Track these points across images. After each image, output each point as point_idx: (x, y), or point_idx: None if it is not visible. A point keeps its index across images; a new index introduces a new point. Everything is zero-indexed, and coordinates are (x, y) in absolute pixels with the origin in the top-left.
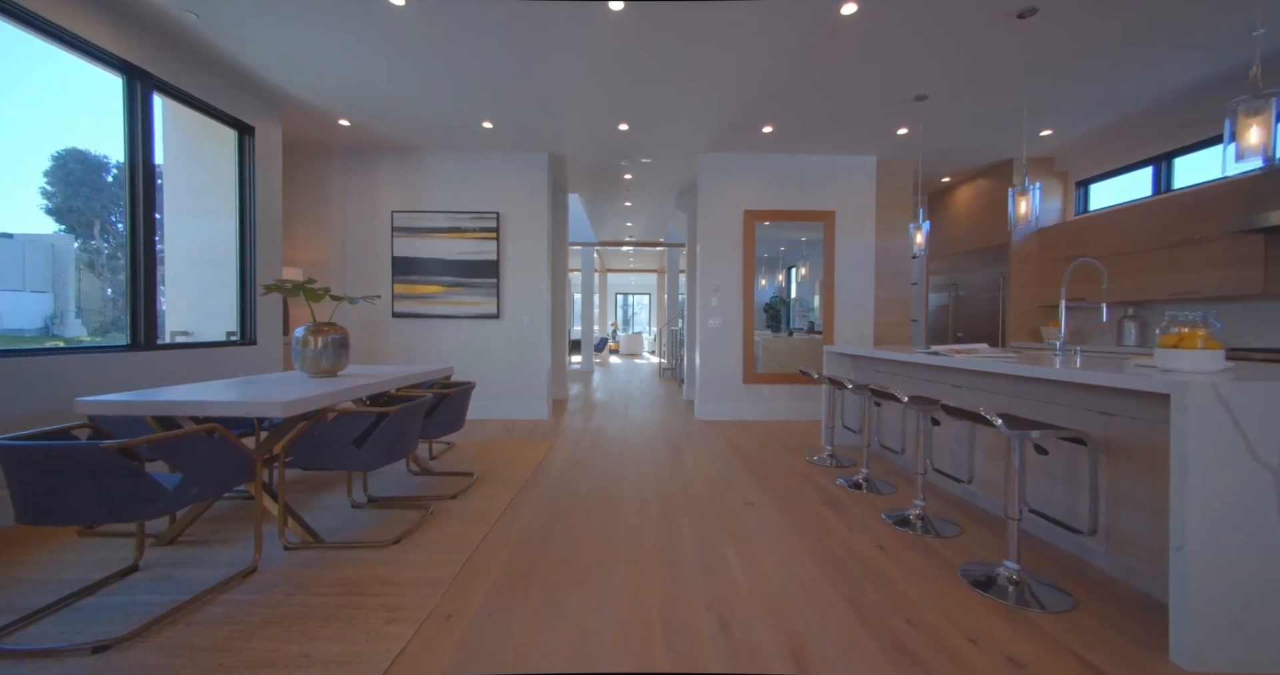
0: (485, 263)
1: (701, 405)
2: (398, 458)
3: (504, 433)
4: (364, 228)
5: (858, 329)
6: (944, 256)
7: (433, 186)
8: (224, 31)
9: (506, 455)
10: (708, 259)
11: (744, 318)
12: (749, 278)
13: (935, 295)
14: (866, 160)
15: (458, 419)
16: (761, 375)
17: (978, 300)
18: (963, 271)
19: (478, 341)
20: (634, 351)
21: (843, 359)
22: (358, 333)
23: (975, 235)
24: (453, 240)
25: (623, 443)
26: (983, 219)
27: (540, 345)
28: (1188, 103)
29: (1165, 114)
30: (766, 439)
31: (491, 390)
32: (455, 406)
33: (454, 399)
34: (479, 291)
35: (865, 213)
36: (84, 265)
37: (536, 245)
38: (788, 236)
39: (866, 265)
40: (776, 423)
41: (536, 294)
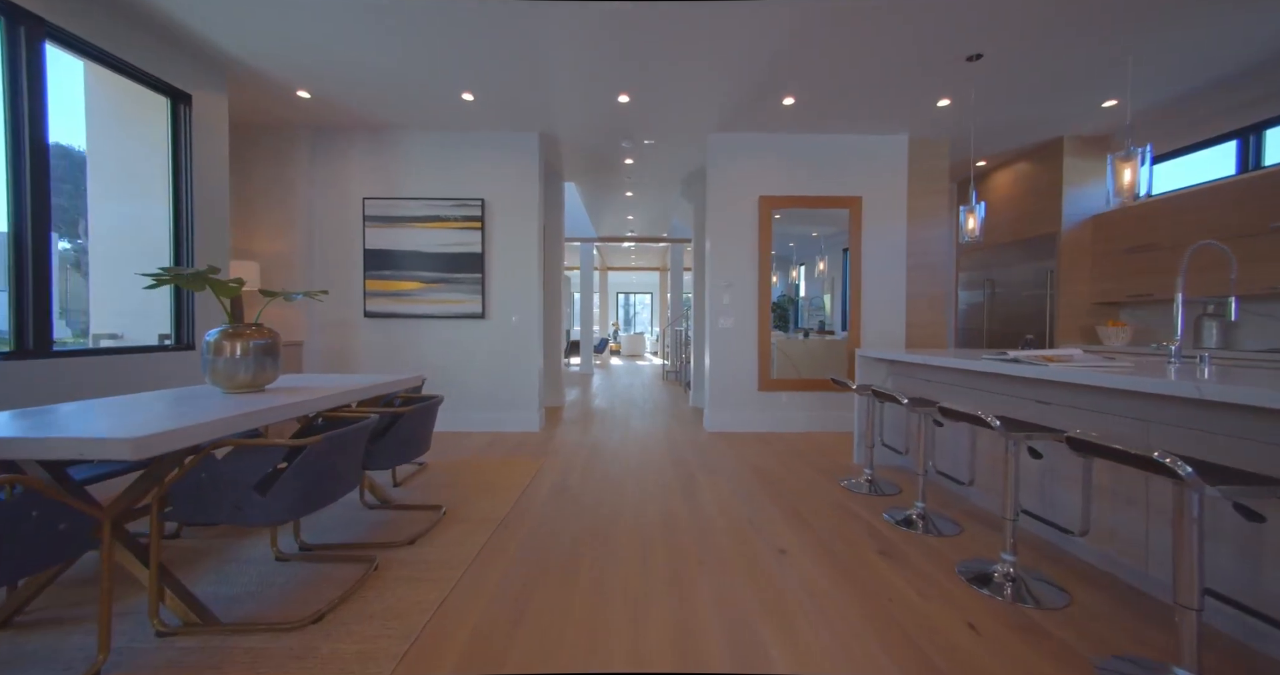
0: (469, 256)
1: (712, 414)
2: (320, 504)
3: (488, 449)
4: (332, 217)
5: (886, 330)
6: (976, 250)
7: (409, 170)
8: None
9: (486, 480)
10: (719, 252)
11: (759, 317)
12: (765, 272)
13: (966, 293)
14: (897, 140)
15: (417, 442)
16: (778, 381)
17: (1018, 298)
18: (1000, 266)
19: (460, 344)
20: (636, 352)
21: (877, 365)
22: (325, 336)
23: (1016, 225)
24: (432, 231)
25: (623, 463)
26: (1025, 207)
27: (531, 348)
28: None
29: (1256, 79)
30: (788, 456)
31: (476, 399)
32: (414, 428)
33: (413, 419)
34: (462, 288)
35: (896, 198)
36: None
37: (526, 236)
38: (798, 232)
39: (897, 258)
40: (796, 435)
41: (527, 291)
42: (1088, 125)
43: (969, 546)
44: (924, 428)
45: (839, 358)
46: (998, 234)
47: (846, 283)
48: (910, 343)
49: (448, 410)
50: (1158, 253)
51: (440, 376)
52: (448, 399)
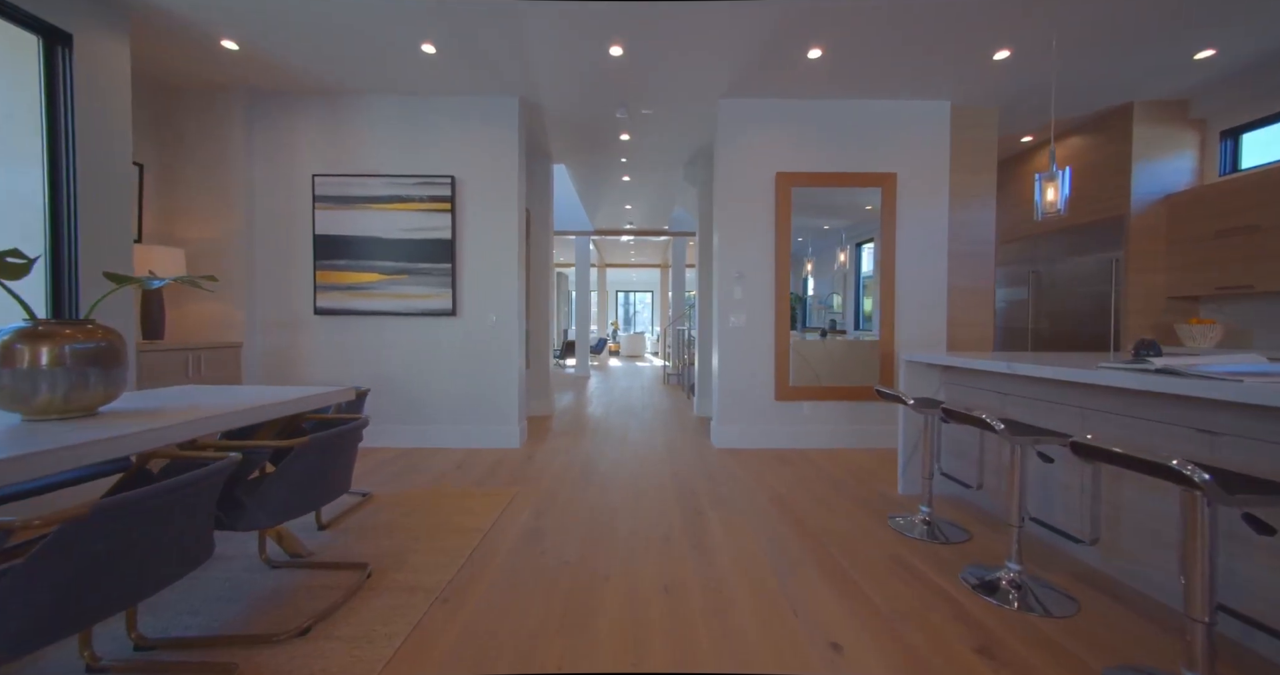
0: (436, 243)
1: (721, 428)
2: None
3: (455, 472)
4: (276, 197)
5: (924, 329)
6: (1016, 239)
7: (366, 142)
8: None
9: (440, 518)
10: (729, 238)
11: (776, 314)
12: (783, 261)
13: (1004, 289)
14: (938, 107)
15: (324, 485)
16: (799, 389)
17: (1072, 293)
18: (1048, 257)
19: (427, 346)
20: (635, 353)
21: (926, 372)
22: (268, 337)
23: (1070, 209)
24: (394, 213)
25: (615, 493)
26: (1082, 188)
27: (510, 351)
28: None
29: None
30: (816, 481)
31: (446, 411)
32: (316, 466)
33: (311, 454)
34: (428, 281)
35: (936, 175)
36: None
37: (505, 220)
38: (807, 224)
39: (937, 245)
40: (820, 453)
41: (505, 284)
42: (1166, 85)
43: (1102, 637)
44: (1021, 461)
45: (864, 361)
46: (1044, 221)
47: (860, 279)
48: (952, 344)
49: (412, 424)
50: (1260, 236)
51: (403, 385)
52: (413, 411)
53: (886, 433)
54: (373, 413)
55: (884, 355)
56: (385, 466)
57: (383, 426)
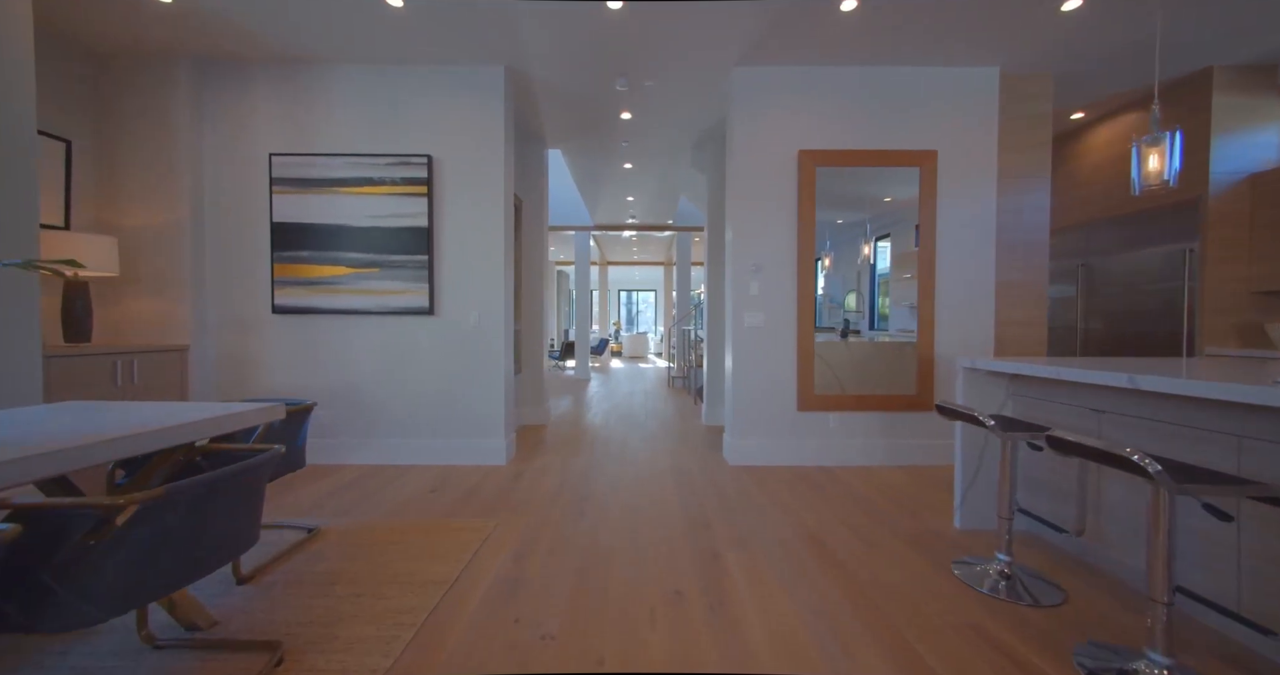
0: (411, 232)
1: (736, 442)
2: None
3: (426, 497)
4: (228, 180)
5: (968, 329)
6: (1062, 229)
7: (331, 118)
8: None
9: (392, 568)
10: (744, 226)
11: (799, 312)
12: (806, 250)
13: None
14: (985, 75)
15: (209, 547)
16: (825, 398)
17: (1133, 288)
18: (1101, 249)
19: (400, 350)
20: (638, 354)
21: (991, 381)
22: (221, 338)
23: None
24: (362, 197)
25: (614, 528)
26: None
27: (495, 354)
28: None
29: None
30: (854, 511)
31: (421, 423)
32: (193, 524)
33: (186, 507)
34: (402, 275)
35: (983, 153)
36: None
37: (489, 205)
38: (820, 218)
39: (983, 233)
40: (852, 472)
41: (490, 279)
42: (1251, 48)
43: None
44: (1170, 516)
45: (892, 365)
46: (1099, 206)
47: (875, 277)
48: (1000, 347)
49: (383, 437)
50: None
51: (373, 393)
52: (384, 423)
53: (924, 449)
54: (339, 426)
55: (922, 359)
56: (346, 490)
57: (349, 441)
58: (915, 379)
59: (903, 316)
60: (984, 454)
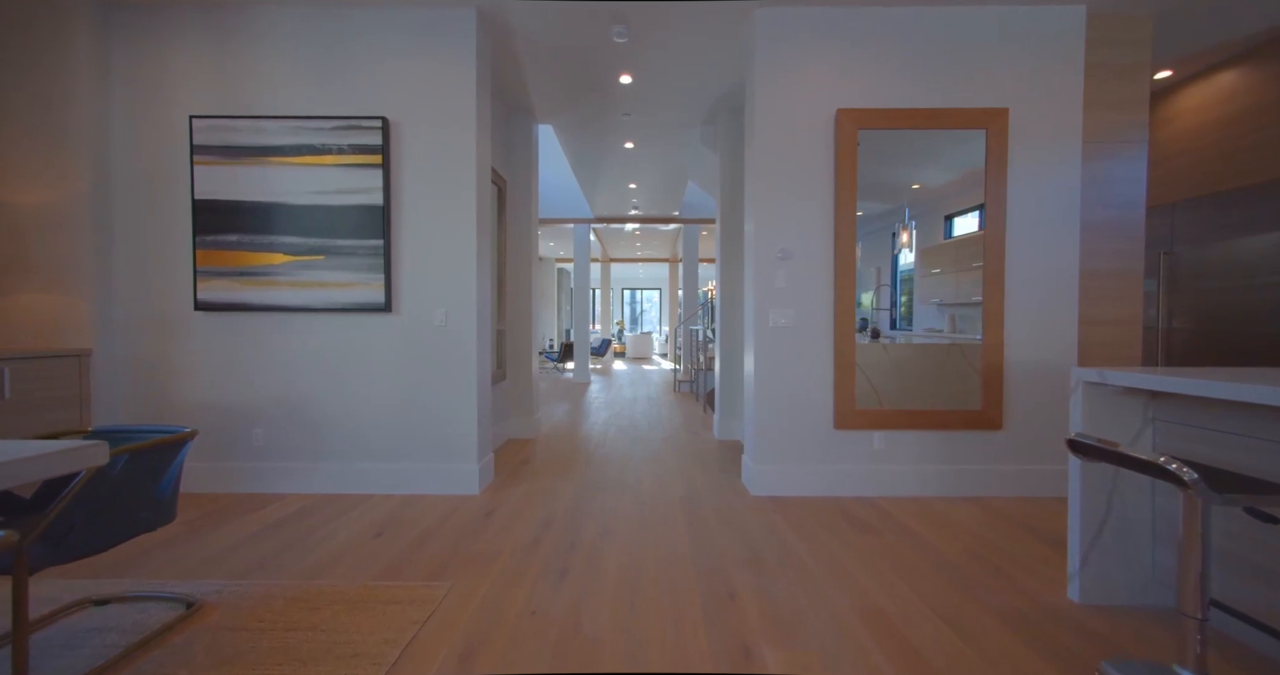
0: (363, 211)
1: (760, 466)
2: None
3: (368, 544)
4: (140, 148)
5: (1043, 328)
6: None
7: (264, 73)
8: None
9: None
10: (769, 204)
11: (837, 309)
12: (846, 232)
13: None
14: (1069, 15)
15: None
16: (868, 415)
17: (1233, 282)
18: (1190, 236)
19: (351, 354)
20: (642, 355)
21: (1125, 401)
22: (131, 340)
23: (1233, 167)
24: (303, 170)
25: (604, 598)
26: (1244, 137)
27: (466, 360)
28: None
29: None
30: (924, 570)
31: (375, 443)
32: None
33: None
34: (353, 263)
35: (1064, 111)
36: None
37: (459, 178)
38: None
39: (1063, 210)
40: (906, 507)
41: (459, 268)
42: None
43: None
44: None
45: (938, 372)
46: (1181, 183)
47: (896, 273)
48: (1086, 350)
49: (330, 461)
50: None
51: (317, 407)
52: (330, 443)
53: (992, 477)
54: (276, 447)
55: (988, 366)
56: (270, 533)
57: (288, 466)
58: (979, 390)
59: (929, 315)
60: (1113, 498)
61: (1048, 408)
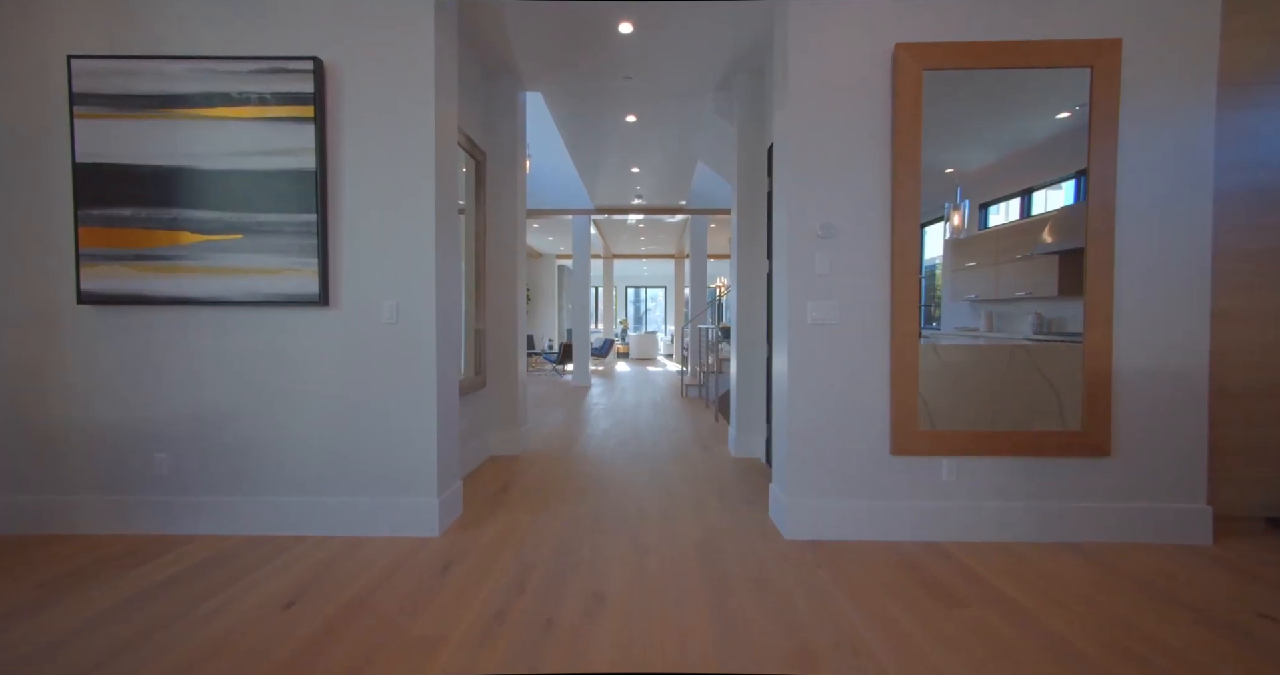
0: (291, 179)
1: (796, 501)
2: None
3: (275, 615)
4: (2, 95)
5: (1163, 324)
6: None
7: (166, 1)
8: None
9: None
10: (807, 168)
11: (896, 302)
12: (907, 201)
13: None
14: None
15: None
16: (935, 437)
17: None
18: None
19: (277, 359)
20: (647, 355)
21: None
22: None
23: None
24: (215, 125)
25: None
26: None
27: (422, 365)
28: None
29: None
30: (1046, 668)
31: (311, 471)
32: None
33: None
34: (278, 244)
35: (1195, 43)
36: None
37: (414, 140)
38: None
39: (1192, 174)
40: (988, 555)
41: (415, 250)
42: None
43: None
44: None
45: (1009, 379)
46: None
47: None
48: (1223, 356)
49: (252, 495)
50: None
51: (236, 426)
52: (252, 472)
53: (1100, 517)
54: (187, 477)
55: (1092, 374)
56: (143, 604)
57: (199, 500)
58: (1058, 403)
59: (960, 313)
60: None
61: (1170, 428)
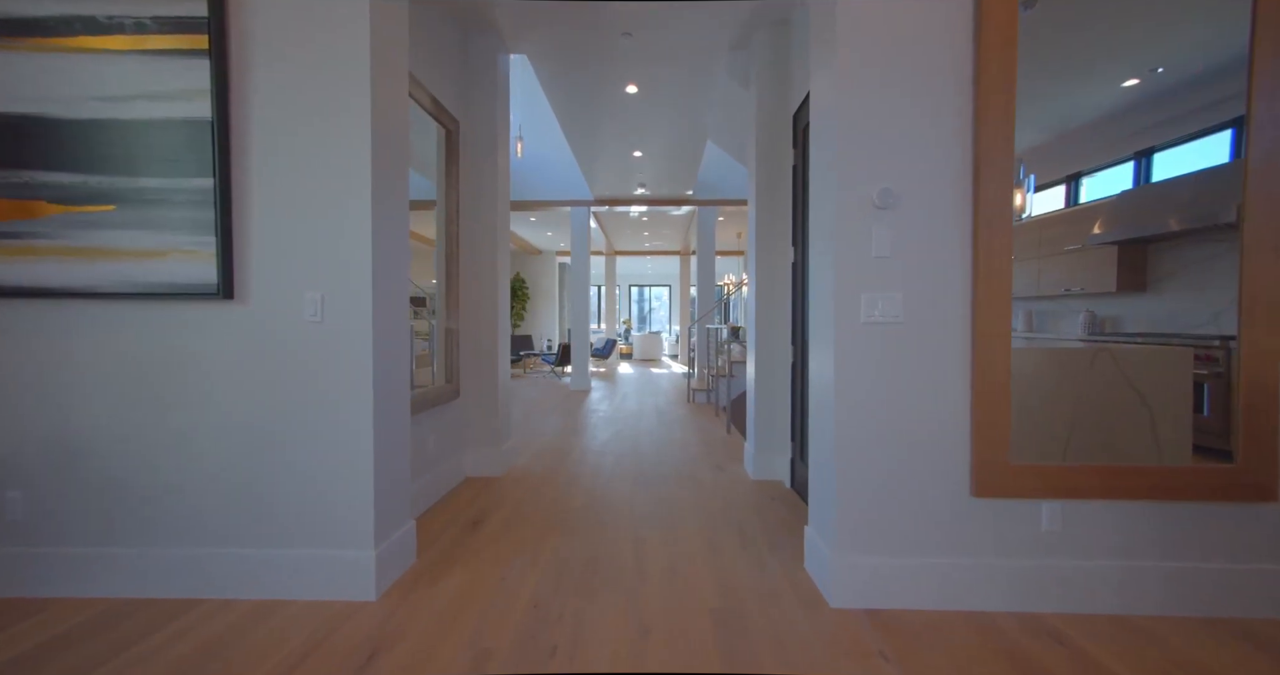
0: (180, 131)
1: (847, 559)
2: None
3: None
4: None
5: None
6: None
7: None
8: None
9: None
10: (860, 112)
11: (979, 293)
12: (996, 161)
13: None
14: None
15: None
16: (1032, 473)
17: None
18: None
19: (165, 370)
20: (651, 356)
21: None
22: None
23: None
24: (76, 61)
25: None
26: None
27: (355, 376)
28: None
29: None
30: None
31: (211, 516)
32: None
33: None
34: (163, 218)
35: None
36: None
37: (345, 80)
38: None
39: None
40: (1112, 638)
41: (346, 229)
42: None
43: None
44: None
45: (1077, 394)
46: None
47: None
48: None
49: (134, 546)
50: None
51: (110, 459)
52: (133, 518)
53: (1259, 584)
54: (45, 521)
55: (1251, 385)
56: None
57: (65, 552)
58: (1238, 431)
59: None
60: None
61: None
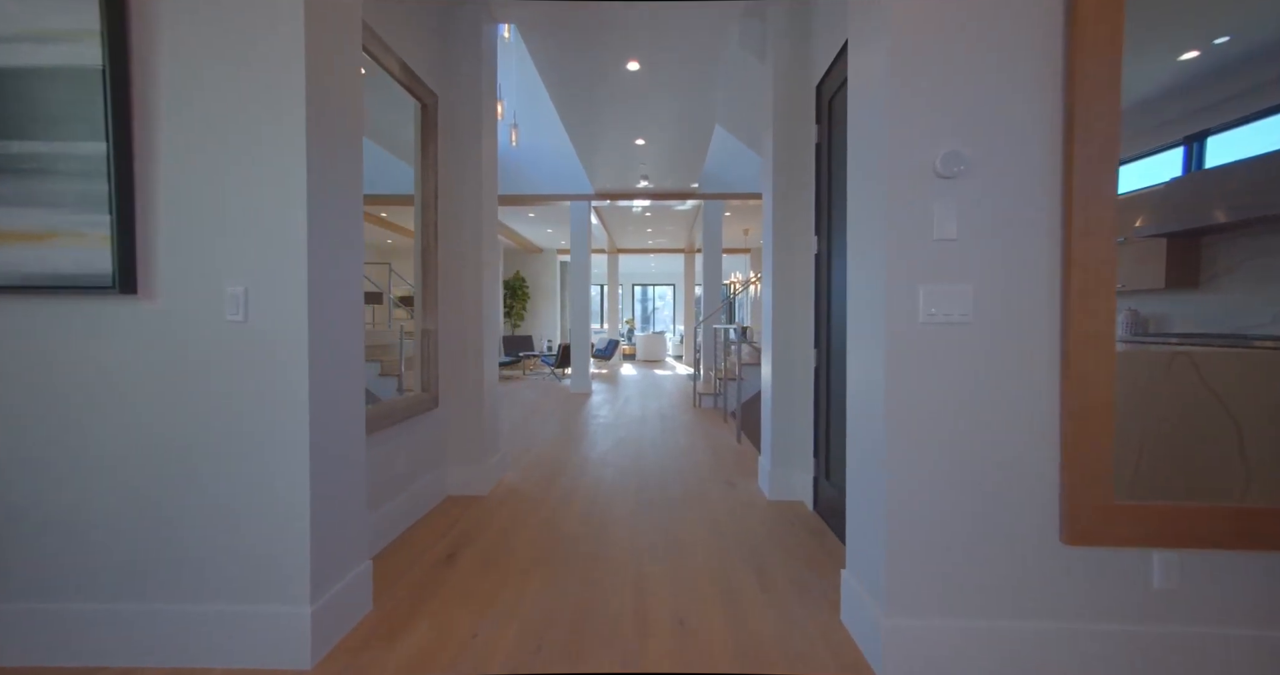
0: (63, 82)
1: (902, 623)
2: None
3: None
4: None
5: None
6: None
7: None
8: None
9: None
10: (921, 57)
11: (1070, 284)
12: (1095, 124)
13: None
14: None
15: None
16: (1137, 514)
17: None
18: None
19: (52, 381)
20: (654, 357)
21: None
22: None
23: None
24: None
25: None
26: None
27: (288, 389)
28: None
29: None
30: None
31: (109, 559)
32: None
33: None
34: (45, 192)
35: None
36: None
37: (275, 20)
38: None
39: None
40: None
41: (275, 207)
42: None
43: None
44: None
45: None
46: None
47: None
48: None
49: (16, 600)
50: None
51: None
52: (16, 570)
53: None
54: None
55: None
56: None
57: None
58: None
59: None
60: None
61: None
